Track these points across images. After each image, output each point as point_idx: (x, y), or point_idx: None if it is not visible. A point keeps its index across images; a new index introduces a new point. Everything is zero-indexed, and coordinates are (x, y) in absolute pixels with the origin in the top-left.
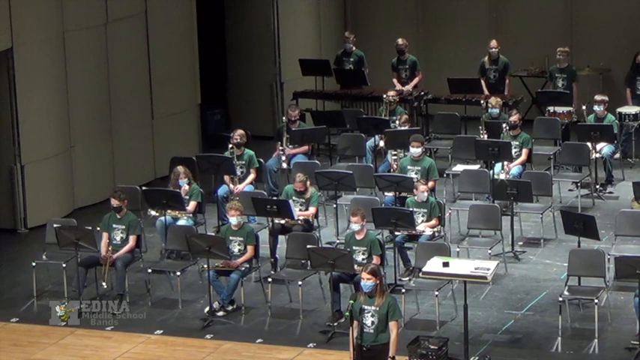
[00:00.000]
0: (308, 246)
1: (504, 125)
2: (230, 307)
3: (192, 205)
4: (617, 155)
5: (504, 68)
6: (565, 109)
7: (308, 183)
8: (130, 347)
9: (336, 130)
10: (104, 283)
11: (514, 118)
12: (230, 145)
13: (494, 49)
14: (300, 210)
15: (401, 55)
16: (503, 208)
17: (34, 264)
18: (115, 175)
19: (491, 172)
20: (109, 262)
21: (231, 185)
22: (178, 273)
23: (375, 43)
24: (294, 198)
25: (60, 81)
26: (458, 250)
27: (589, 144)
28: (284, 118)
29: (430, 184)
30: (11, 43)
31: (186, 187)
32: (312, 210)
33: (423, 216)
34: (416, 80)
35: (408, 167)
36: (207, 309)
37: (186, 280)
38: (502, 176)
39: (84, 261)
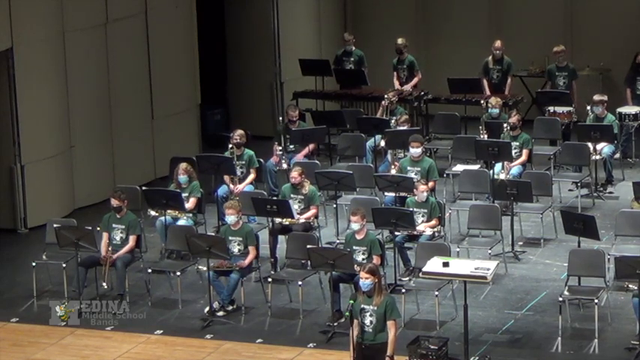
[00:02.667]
0: (308, 246)
1: (505, 125)
2: (230, 307)
3: (192, 202)
4: (617, 155)
5: (508, 68)
6: (565, 109)
7: (307, 184)
8: (130, 347)
9: (336, 130)
10: (104, 283)
11: (513, 120)
12: (230, 145)
13: (498, 51)
14: (299, 207)
15: (400, 55)
16: (503, 208)
17: (34, 264)
18: (115, 175)
19: (491, 172)
20: (109, 262)
21: (231, 185)
22: (178, 273)
23: (375, 43)
24: (291, 196)
25: (60, 81)
26: (458, 250)
27: (589, 145)
28: (280, 118)
29: (430, 184)
30: (11, 43)
31: (184, 176)
32: (313, 211)
33: (423, 216)
34: (415, 80)
35: (408, 168)
36: (207, 309)
37: (186, 280)
38: (502, 176)
39: (84, 261)
